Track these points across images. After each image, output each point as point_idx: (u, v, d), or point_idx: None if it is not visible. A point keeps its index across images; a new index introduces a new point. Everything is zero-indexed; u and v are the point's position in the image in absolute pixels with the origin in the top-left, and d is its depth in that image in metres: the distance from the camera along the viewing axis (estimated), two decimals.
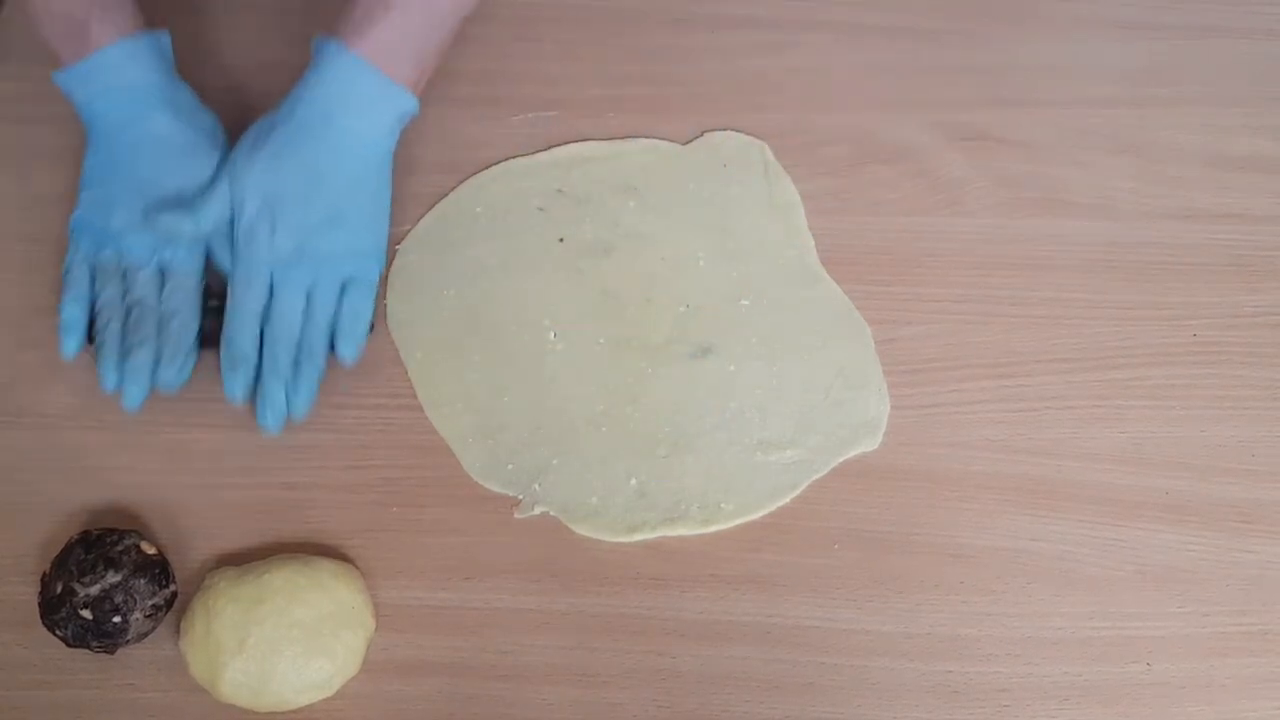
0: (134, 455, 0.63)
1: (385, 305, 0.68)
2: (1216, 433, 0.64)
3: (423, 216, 0.71)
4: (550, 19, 0.77)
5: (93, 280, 0.63)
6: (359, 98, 0.62)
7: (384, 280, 0.68)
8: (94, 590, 0.55)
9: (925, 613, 0.59)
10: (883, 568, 0.60)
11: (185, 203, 0.63)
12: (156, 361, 0.61)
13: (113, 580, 0.55)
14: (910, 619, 0.59)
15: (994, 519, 0.61)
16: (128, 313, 0.62)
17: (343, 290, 0.63)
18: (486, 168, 0.72)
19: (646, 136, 0.74)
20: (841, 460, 0.63)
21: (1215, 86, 0.76)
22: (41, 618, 0.56)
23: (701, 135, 0.74)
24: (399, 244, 0.70)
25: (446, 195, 0.71)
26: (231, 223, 0.63)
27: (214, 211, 0.62)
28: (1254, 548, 0.61)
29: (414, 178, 0.70)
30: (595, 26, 0.78)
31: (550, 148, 0.73)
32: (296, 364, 0.62)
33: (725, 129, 0.74)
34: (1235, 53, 0.77)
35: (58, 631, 0.56)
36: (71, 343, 0.62)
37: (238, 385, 0.61)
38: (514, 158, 0.73)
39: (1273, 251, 0.70)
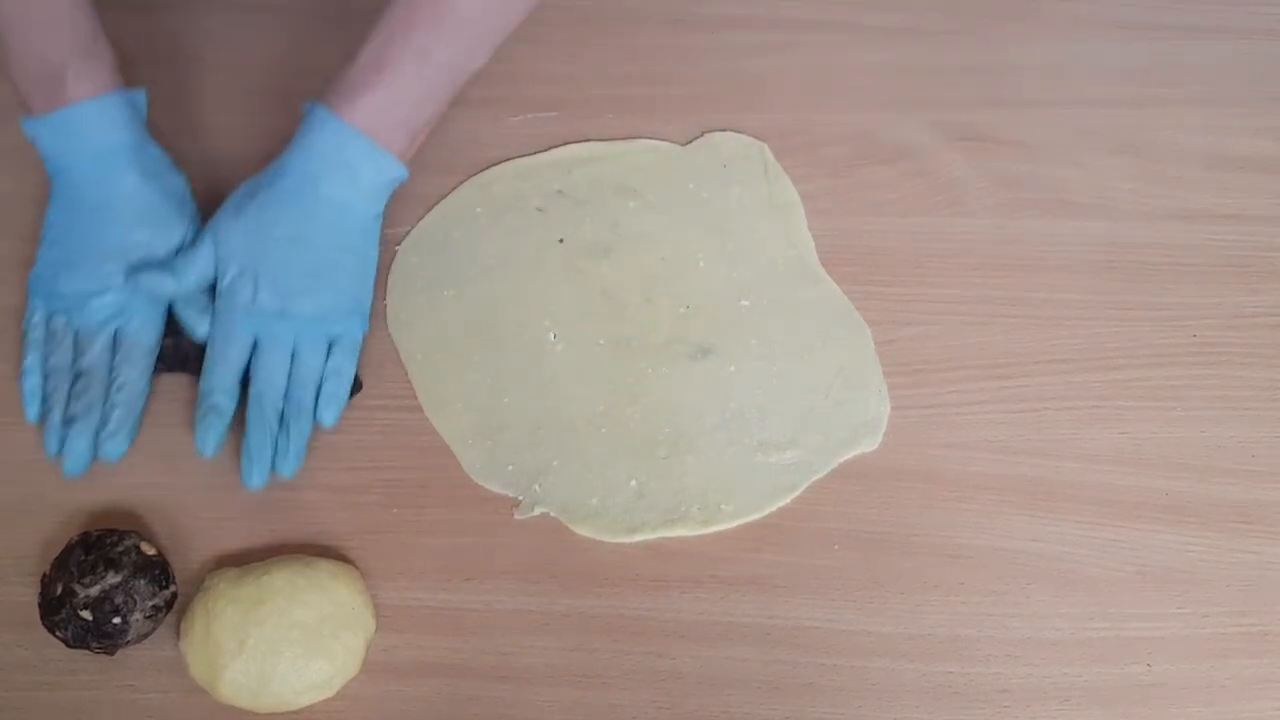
0: (134, 455, 0.63)
1: (385, 305, 0.68)
2: (1216, 433, 0.64)
3: (423, 216, 0.71)
4: (550, 19, 0.77)
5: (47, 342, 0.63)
6: (346, 166, 0.61)
7: (385, 278, 0.68)
8: (94, 591, 0.55)
9: (925, 613, 0.59)
10: (883, 568, 0.60)
11: (163, 263, 0.63)
12: (98, 430, 0.61)
13: (113, 581, 0.55)
14: (910, 619, 0.59)
15: (993, 519, 0.61)
16: (75, 379, 0.62)
17: (328, 350, 0.63)
18: (486, 168, 0.72)
19: (646, 137, 0.74)
20: (841, 461, 0.63)
21: (1215, 86, 0.76)
22: (41, 618, 0.56)
23: (701, 135, 0.74)
24: (399, 244, 0.70)
25: (446, 195, 0.71)
26: (210, 286, 0.63)
27: (197, 270, 0.62)
28: (1254, 548, 0.61)
29: (414, 178, 0.70)
30: (595, 26, 0.78)
31: (550, 148, 0.73)
32: (284, 423, 0.61)
33: (725, 129, 0.74)
34: (1235, 53, 0.77)
35: (58, 632, 0.56)
36: (32, 410, 0.62)
37: (210, 439, 0.60)
38: (514, 158, 0.73)
39: (1273, 252, 0.70)
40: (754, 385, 0.65)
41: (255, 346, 0.62)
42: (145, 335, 0.63)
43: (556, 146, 0.73)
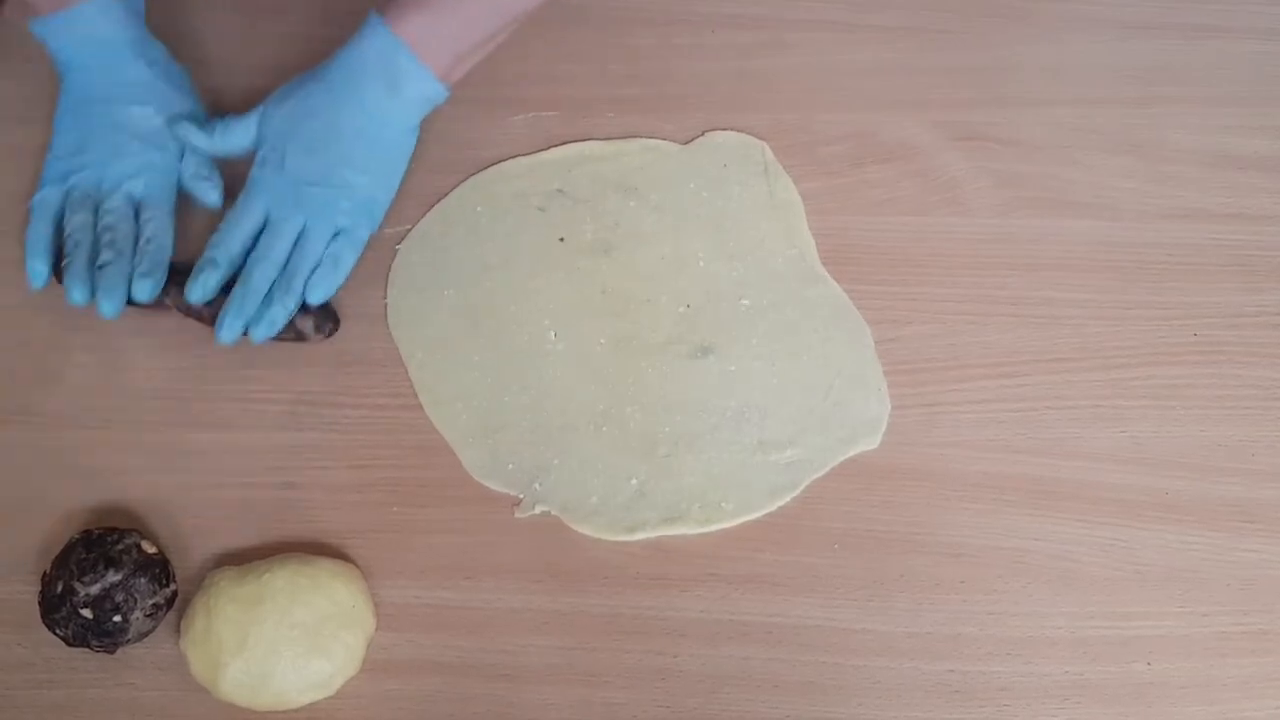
0: (134, 455, 0.63)
1: (385, 305, 0.68)
2: (1216, 433, 0.64)
3: (423, 216, 0.71)
4: (550, 19, 0.77)
5: (61, 213, 0.66)
6: (388, 75, 0.64)
7: (385, 278, 0.68)
8: (94, 589, 0.55)
9: (925, 613, 0.59)
10: (883, 568, 0.60)
11: (203, 122, 0.67)
12: (129, 275, 0.64)
13: (113, 579, 0.55)
14: (910, 619, 0.59)
15: (994, 519, 0.61)
16: (97, 237, 0.64)
17: (333, 238, 0.65)
18: (486, 168, 0.72)
19: (646, 136, 0.74)
20: (841, 460, 0.63)
21: (1215, 86, 0.76)
22: (42, 617, 0.56)
23: (701, 135, 0.74)
24: (399, 244, 0.70)
25: (446, 195, 0.71)
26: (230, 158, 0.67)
27: (233, 138, 0.66)
28: (1253, 547, 0.61)
29: (414, 178, 0.70)
30: (595, 26, 0.78)
31: (550, 148, 0.73)
32: (270, 293, 0.64)
33: (725, 129, 0.74)
34: (1235, 53, 0.77)
35: (58, 631, 0.56)
36: (39, 265, 0.65)
37: (198, 287, 0.63)
38: (514, 158, 0.73)
39: (1273, 251, 0.70)
40: (754, 385, 0.65)
41: (265, 222, 0.65)
42: (164, 196, 0.67)
43: (556, 146, 0.73)
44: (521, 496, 0.62)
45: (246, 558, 0.60)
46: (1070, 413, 0.64)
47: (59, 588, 0.55)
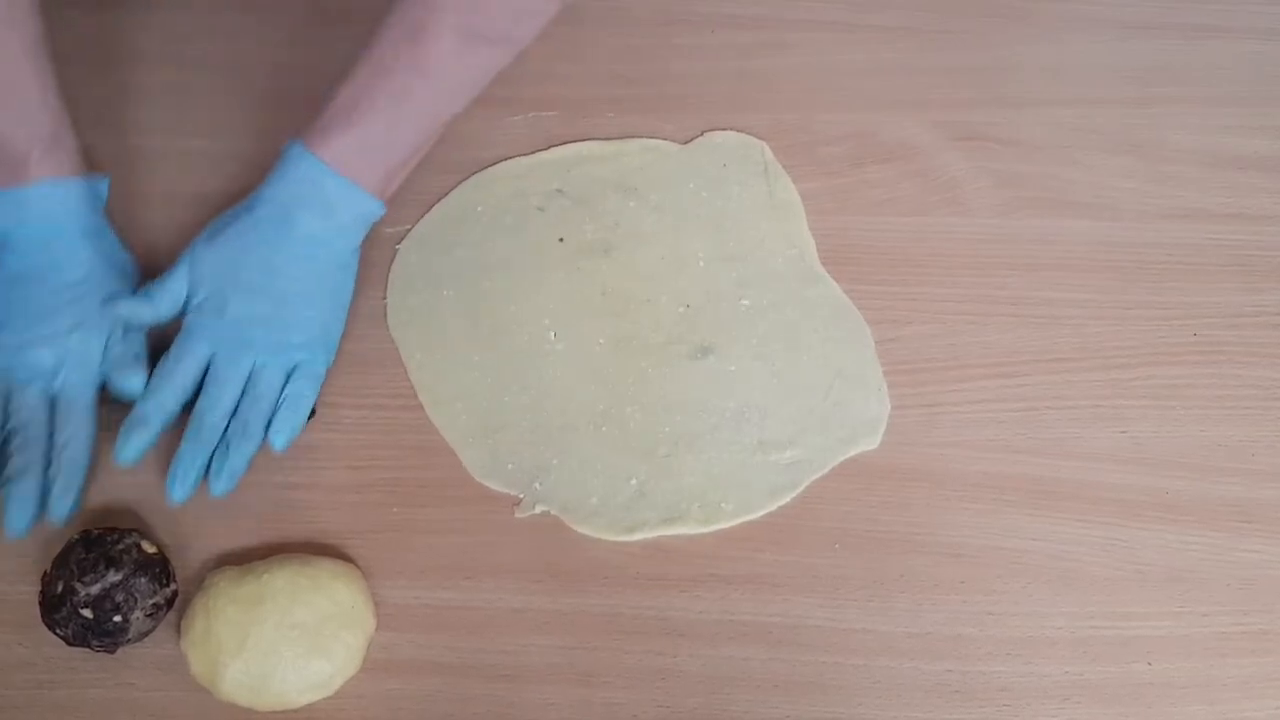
0: None
1: (385, 305, 0.68)
2: (1216, 433, 0.64)
3: (423, 216, 0.71)
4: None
5: None
6: (318, 200, 0.61)
7: (385, 278, 0.68)
8: (94, 589, 0.55)
9: (925, 613, 0.59)
10: (883, 568, 0.60)
11: (138, 292, 0.62)
12: (42, 491, 0.58)
13: (113, 579, 0.55)
14: (911, 619, 0.59)
15: (994, 519, 0.61)
16: (8, 437, 0.59)
17: (287, 377, 0.62)
18: (486, 168, 0.72)
19: (646, 136, 0.74)
20: (841, 460, 0.63)
21: (1215, 86, 0.76)
22: (42, 617, 0.56)
23: (701, 135, 0.74)
24: (399, 244, 0.70)
25: (446, 195, 0.72)
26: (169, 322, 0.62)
27: (171, 296, 0.61)
28: (1253, 547, 0.61)
29: (414, 177, 0.70)
30: (595, 26, 0.78)
31: (550, 148, 0.73)
32: (227, 440, 0.60)
33: (725, 129, 0.74)
34: (1235, 53, 0.78)
35: (58, 630, 0.56)
36: None
37: (129, 449, 0.59)
38: (514, 158, 0.73)
39: (1273, 251, 0.70)
40: (754, 385, 0.65)
41: (209, 366, 0.61)
42: (83, 392, 0.61)
43: (556, 146, 0.73)
44: (521, 496, 0.62)
45: (246, 558, 0.60)
46: (1070, 413, 0.64)
47: (59, 588, 0.55)
